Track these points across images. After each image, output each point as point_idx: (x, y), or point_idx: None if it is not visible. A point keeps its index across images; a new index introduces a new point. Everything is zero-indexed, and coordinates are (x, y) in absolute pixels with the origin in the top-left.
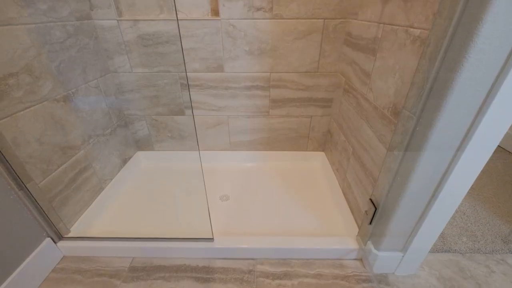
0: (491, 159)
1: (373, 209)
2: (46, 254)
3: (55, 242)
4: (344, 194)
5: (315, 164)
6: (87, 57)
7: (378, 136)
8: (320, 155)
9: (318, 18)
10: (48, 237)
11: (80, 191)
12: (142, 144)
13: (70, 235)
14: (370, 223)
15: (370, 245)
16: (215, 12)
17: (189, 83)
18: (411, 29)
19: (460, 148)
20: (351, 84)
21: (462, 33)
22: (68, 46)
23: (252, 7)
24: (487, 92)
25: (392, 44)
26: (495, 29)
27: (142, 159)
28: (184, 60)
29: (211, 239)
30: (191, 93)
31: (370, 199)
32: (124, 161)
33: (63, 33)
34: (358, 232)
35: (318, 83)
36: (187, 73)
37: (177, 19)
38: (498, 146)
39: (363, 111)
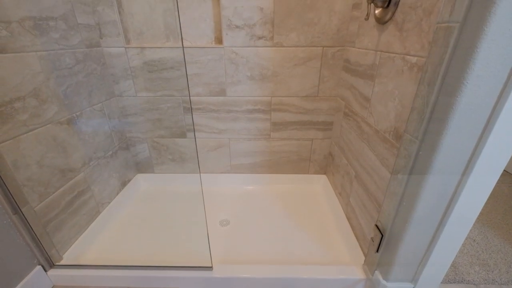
0: (496, 183)
1: (380, 235)
2: (34, 284)
3: (45, 270)
4: (348, 219)
5: (317, 187)
6: (94, 81)
7: (380, 160)
8: (322, 178)
9: (317, 46)
10: (39, 265)
11: (77, 215)
12: (143, 167)
13: (62, 262)
14: (377, 250)
15: (378, 275)
16: (219, 40)
17: (192, 106)
18: (408, 57)
19: (466, 172)
20: (351, 108)
21: (458, 60)
22: (77, 71)
23: (254, 36)
24: (488, 117)
25: (390, 71)
26: (491, 55)
27: (141, 182)
28: (188, 85)
29: (210, 268)
30: (193, 116)
31: (376, 225)
32: (124, 184)
33: (73, 60)
34: (365, 261)
35: (318, 107)
36: (190, 97)
37: (183, 47)
38: (504, 170)
39: (364, 135)
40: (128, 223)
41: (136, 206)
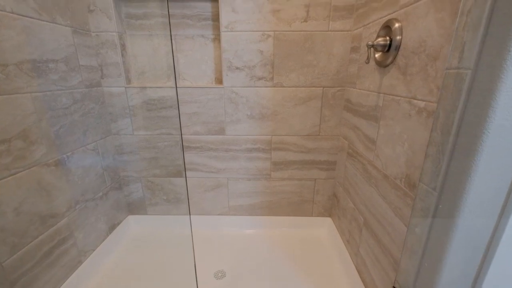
0: None
1: None
2: None
3: None
4: (359, 272)
5: (322, 231)
6: (90, 120)
7: (393, 209)
8: (327, 221)
9: (317, 87)
10: None
11: (54, 267)
12: (135, 208)
13: None
14: None
15: None
16: (219, 80)
17: (189, 145)
18: (415, 101)
19: (499, 227)
20: (355, 149)
21: (474, 108)
22: (73, 111)
23: (254, 77)
24: None
25: (396, 113)
26: None
27: (132, 224)
28: (180, 122)
29: None
30: (190, 155)
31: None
32: (112, 228)
33: (70, 100)
34: None
35: (320, 146)
36: (188, 136)
37: (176, 87)
38: None
39: (371, 179)
40: (112, 275)
41: (123, 254)
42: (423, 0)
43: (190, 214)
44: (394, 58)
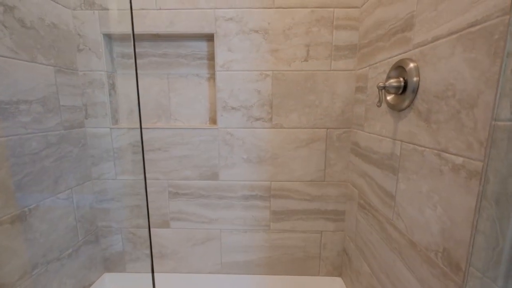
0: None
1: None
2: None
3: None
4: None
5: None
6: (66, 165)
7: None
8: (337, 282)
9: (320, 128)
10: None
11: None
12: (112, 264)
13: None
14: None
15: None
16: (213, 120)
17: (178, 191)
18: (447, 155)
19: None
20: (367, 200)
21: None
22: (44, 156)
23: (251, 117)
24: None
25: (420, 167)
26: None
27: (108, 285)
28: (143, 169)
29: None
30: (179, 202)
31: None
32: None
33: (42, 144)
34: None
35: (326, 193)
36: (177, 181)
37: (141, 127)
38: None
39: (392, 242)
40: None
41: None
42: (444, 39)
43: (153, 272)
44: (411, 101)
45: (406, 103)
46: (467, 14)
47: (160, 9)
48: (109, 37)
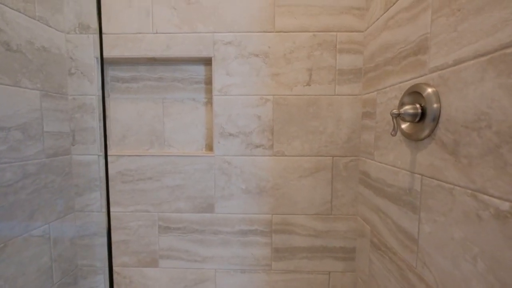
0: None
1: None
2: None
3: None
4: None
5: None
6: (45, 197)
7: None
8: None
9: (325, 156)
10: None
11: None
12: None
13: None
14: None
15: None
16: (210, 147)
17: (169, 225)
18: (485, 197)
19: None
20: (382, 240)
21: None
22: (19, 188)
23: (250, 144)
24: None
25: (449, 208)
26: None
27: None
28: (107, 204)
29: None
30: (170, 238)
31: None
32: None
33: (18, 175)
34: None
35: (334, 228)
36: (169, 214)
37: (106, 155)
38: None
39: None
40: None
41: None
42: (469, 61)
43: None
44: (432, 131)
45: (426, 132)
46: (499, 34)
47: (156, 32)
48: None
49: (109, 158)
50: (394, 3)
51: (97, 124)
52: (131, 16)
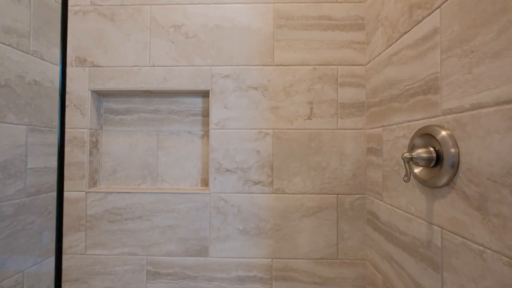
0: None
1: None
2: None
3: None
4: None
5: None
6: (21, 241)
7: None
8: None
9: (330, 194)
10: None
11: None
12: None
13: None
14: None
15: None
16: (205, 182)
17: (159, 270)
18: None
19: None
20: None
21: None
22: None
23: (248, 181)
24: None
25: (480, 275)
26: None
27: None
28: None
29: None
30: (159, 285)
31: None
32: None
33: None
34: None
35: (341, 275)
36: (158, 257)
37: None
38: None
39: None
40: None
41: None
42: (490, 108)
43: None
44: (451, 179)
45: (444, 180)
46: None
47: (153, 65)
48: (97, 94)
49: (97, 195)
50: (396, 40)
51: (87, 159)
52: (129, 49)
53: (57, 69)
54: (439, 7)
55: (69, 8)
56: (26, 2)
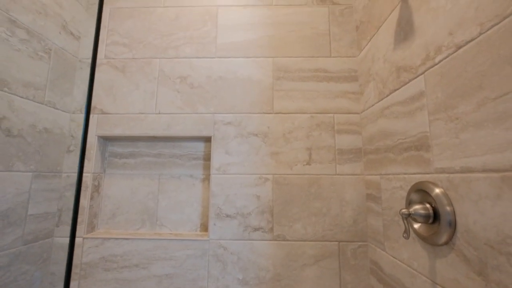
0: None
1: None
2: None
3: None
4: None
5: None
6: None
7: None
8: None
9: (331, 241)
10: None
11: None
12: None
13: None
14: None
15: None
16: (205, 227)
17: None
18: None
19: None
20: None
21: None
22: None
23: (248, 227)
24: None
25: None
26: None
27: None
28: None
29: None
30: None
31: None
32: None
33: None
34: None
35: None
36: None
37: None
38: None
39: None
40: None
41: None
42: (479, 174)
43: None
44: (450, 238)
45: (443, 238)
46: (507, 153)
47: (159, 113)
48: (104, 139)
49: (93, 242)
50: (387, 95)
51: (87, 204)
52: (136, 97)
53: (68, 116)
54: (423, 73)
55: (84, 60)
56: (46, 58)
